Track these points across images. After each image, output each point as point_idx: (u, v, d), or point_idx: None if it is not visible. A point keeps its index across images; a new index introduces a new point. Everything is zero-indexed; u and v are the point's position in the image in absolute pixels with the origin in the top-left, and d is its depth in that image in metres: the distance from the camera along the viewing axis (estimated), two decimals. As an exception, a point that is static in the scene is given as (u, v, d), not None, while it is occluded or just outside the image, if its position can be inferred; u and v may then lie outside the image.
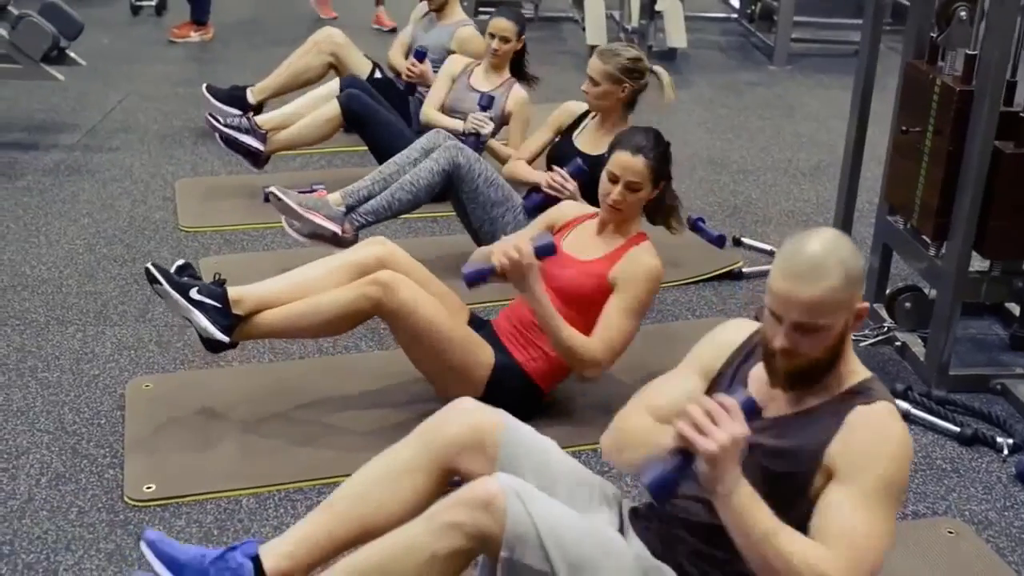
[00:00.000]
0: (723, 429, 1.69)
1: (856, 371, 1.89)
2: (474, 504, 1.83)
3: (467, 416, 2.08)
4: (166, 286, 2.71)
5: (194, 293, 2.72)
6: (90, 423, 2.87)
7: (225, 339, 2.74)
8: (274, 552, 2.02)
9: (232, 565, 2.00)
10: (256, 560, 2.00)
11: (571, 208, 3.11)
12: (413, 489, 2.04)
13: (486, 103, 4.08)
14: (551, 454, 2.08)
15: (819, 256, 1.76)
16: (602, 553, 1.85)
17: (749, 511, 1.71)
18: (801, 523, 1.76)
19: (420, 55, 4.54)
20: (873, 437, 1.78)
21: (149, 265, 2.74)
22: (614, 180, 2.83)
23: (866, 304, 1.83)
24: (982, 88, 2.94)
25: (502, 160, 4.03)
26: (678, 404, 1.85)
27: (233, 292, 2.76)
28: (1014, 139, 2.99)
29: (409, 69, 4.54)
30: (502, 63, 4.21)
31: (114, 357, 3.20)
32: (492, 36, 4.17)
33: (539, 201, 3.49)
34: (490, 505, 1.81)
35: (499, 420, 2.07)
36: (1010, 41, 2.92)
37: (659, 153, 2.85)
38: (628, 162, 2.81)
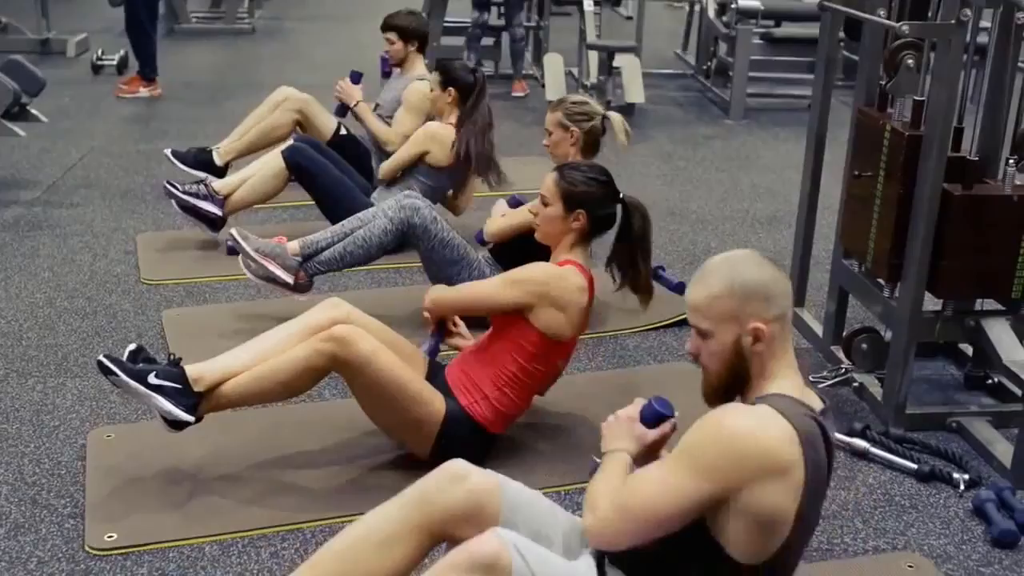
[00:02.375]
0: (618, 413, 2.06)
1: (773, 388, 1.87)
2: (477, 566, 1.80)
3: (465, 482, 2.04)
4: (122, 376, 2.65)
5: (152, 378, 2.67)
6: (50, 473, 2.84)
7: (191, 419, 2.69)
8: None
9: None
10: None
11: None
12: (401, 556, 2.00)
13: (355, 79, 4.64)
14: (541, 505, 2.09)
15: (712, 264, 1.91)
16: None
17: (605, 463, 1.99)
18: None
19: (355, 77, 4.71)
20: (708, 417, 1.82)
21: (101, 357, 2.66)
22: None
23: (761, 325, 1.84)
24: (930, 133, 3.02)
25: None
26: None
27: (192, 370, 2.72)
28: (962, 182, 3.07)
29: (339, 85, 4.70)
30: (439, 110, 4.32)
31: (75, 408, 3.18)
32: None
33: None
34: (496, 565, 1.80)
35: (496, 483, 2.05)
36: (956, 88, 3.01)
37: (574, 176, 2.87)
38: (545, 178, 2.92)
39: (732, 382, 1.90)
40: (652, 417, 2.06)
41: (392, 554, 2.00)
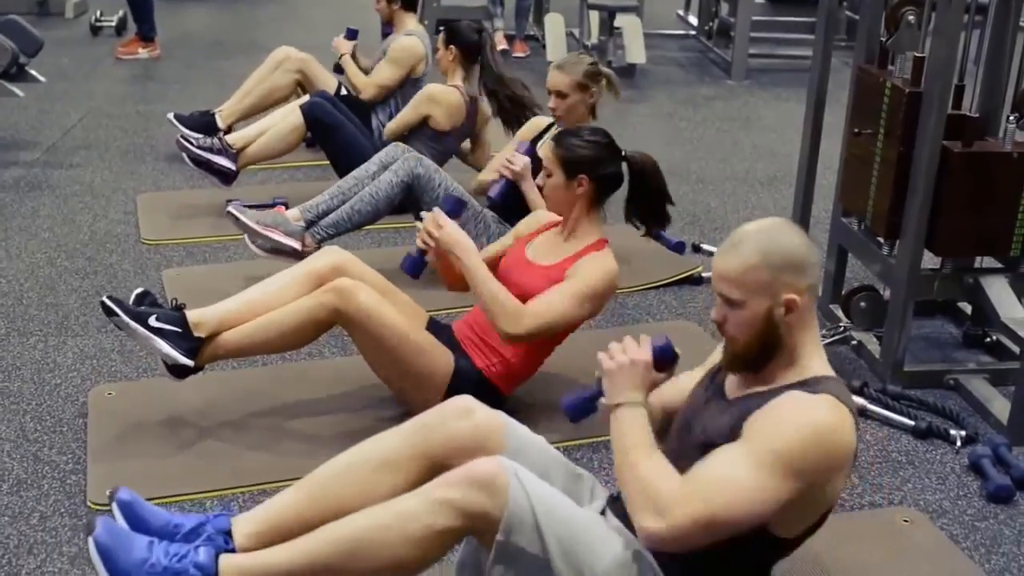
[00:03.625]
0: (626, 353, 1.89)
1: (815, 369, 1.85)
2: (475, 483, 1.80)
3: (471, 416, 2.04)
4: (124, 317, 2.68)
5: (153, 321, 2.70)
6: (52, 431, 2.86)
7: (189, 363, 2.72)
8: (245, 530, 1.97)
9: (205, 537, 1.96)
10: (227, 534, 1.96)
11: (539, 215, 3.13)
12: (399, 482, 1.98)
13: (350, 35, 4.75)
14: (548, 452, 2.09)
15: (744, 232, 1.83)
16: (596, 538, 1.86)
17: (627, 425, 1.85)
18: None
19: (350, 33, 4.79)
20: (787, 411, 1.75)
21: (104, 298, 2.70)
22: None
23: (795, 296, 1.79)
24: (930, 89, 3.01)
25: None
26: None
27: (192, 315, 2.75)
28: (961, 139, 3.06)
29: (334, 42, 4.80)
30: (444, 70, 4.33)
31: (76, 367, 3.19)
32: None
33: (502, 189, 3.48)
34: (491, 485, 1.79)
35: (501, 421, 2.05)
36: (956, 43, 2.99)
37: (572, 141, 2.81)
38: (545, 148, 2.87)
39: (760, 352, 1.84)
40: (664, 360, 1.93)
41: (388, 477, 1.98)
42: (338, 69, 4.84)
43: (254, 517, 2.01)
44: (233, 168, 4.33)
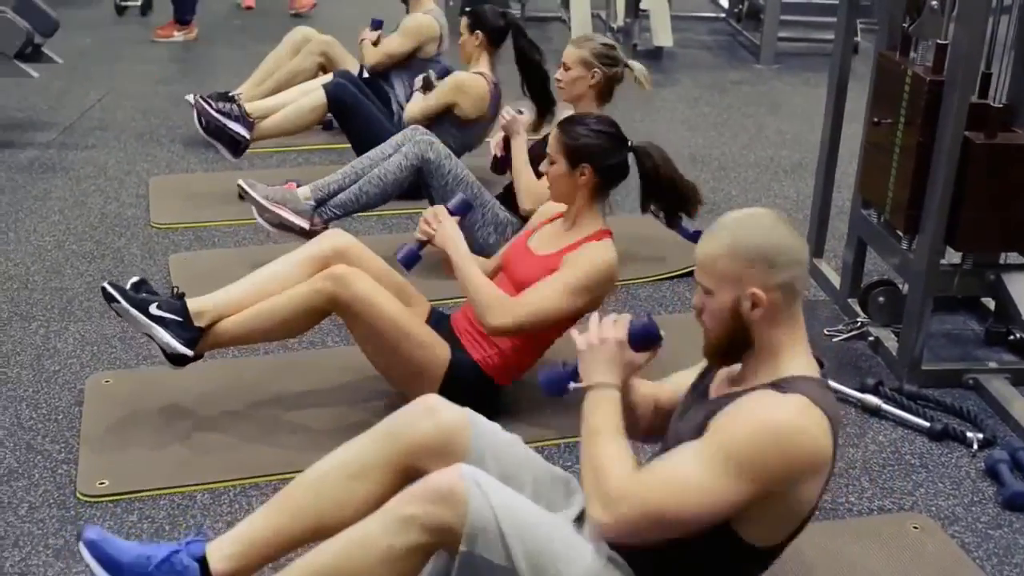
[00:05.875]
0: (601, 331, 1.86)
1: (791, 369, 1.77)
2: (433, 497, 1.76)
3: (434, 416, 2.00)
4: (124, 303, 2.65)
5: (153, 309, 2.67)
6: (47, 419, 2.83)
7: (189, 352, 2.69)
8: (221, 553, 1.95)
9: (178, 568, 1.93)
10: (203, 562, 1.94)
11: (547, 207, 3.04)
12: (373, 489, 1.96)
13: (375, 25, 4.68)
14: (517, 450, 2.03)
15: (722, 221, 1.80)
16: (563, 546, 1.80)
17: (595, 407, 1.82)
18: None
19: (375, 24, 4.73)
20: (747, 412, 1.69)
21: (105, 284, 2.67)
22: None
23: (759, 291, 1.73)
24: (952, 78, 2.90)
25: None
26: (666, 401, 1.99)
27: (193, 304, 2.71)
28: (984, 130, 2.95)
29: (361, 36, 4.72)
30: (468, 56, 4.22)
31: (76, 353, 3.16)
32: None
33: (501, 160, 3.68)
34: (450, 497, 1.75)
35: (467, 421, 2.00)
36: (981, 31, 2.87)
37: (577, 131, 2.72)
38: (551, 134, 2.79)
39: (730, 345, 1.80)
40: (643, 340, 1.89)
41: (362, 486, 1.96)
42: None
43: (232, 537, 1.97)
44: (247, 137, 4.26)
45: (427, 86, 4.22)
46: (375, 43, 4.72)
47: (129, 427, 2.78)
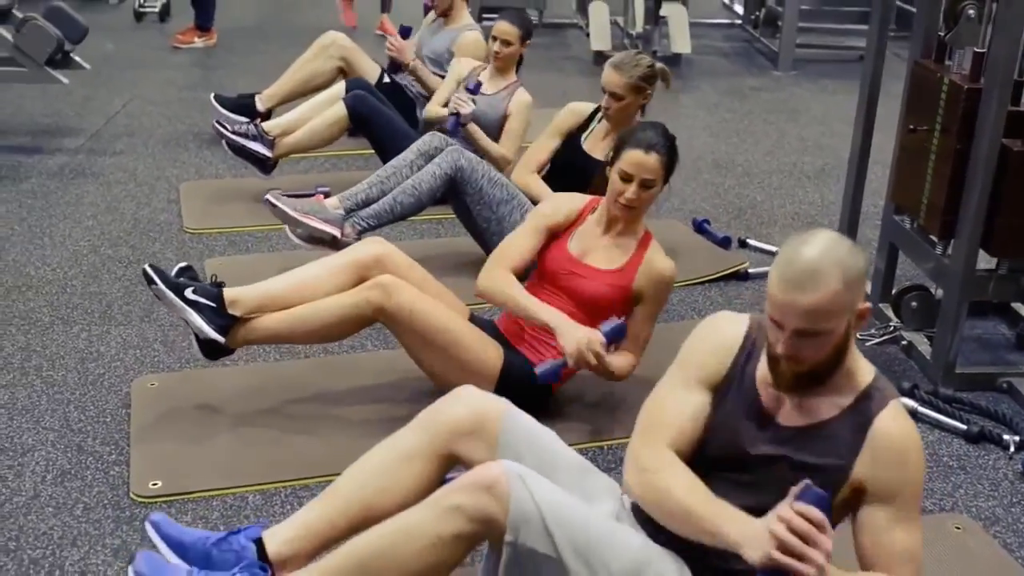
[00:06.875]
0: (820, 548, 1.65)
1: (861, 369, 1.86)
2: (477, 487, 1.82)
3: (468, 401, 2.09)
4: (161, 286, 2.71)
5: (189, 293, 2.73)
6: (95, 421, 2.86)
7: (220, 339, 2.73)
8: (276, 537, 2.03)
9: (235, 547, 2.02)
10: (259, 543, 2.01)
11: (566, 204, 2.96)
12: (414, 475, 2.05)
13: (473, 87, 4.07)
14: (552, 443, 2.08)
15: (816, 262, 1.70)
16: (607, 535, 1.84)
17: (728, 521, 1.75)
18: None
19: (404, 32, 4.62)
20: (900, 452, 1.80)
21: (146, 266, 2.74)
22: (627, 179, 2.74)
23: (868, 305, 1.79)
24: (990, 85, 2.93)
25: (491, 157, 4.00)
26: (692, 427, 1.90)
27: (229, 293, 2.76)
28: (1021, 137, 2.98)
29: (391, 43, 4.57)
30: (505, 66, 4.20)
31: (119, 356, 3.19)
32: (495, 39, 4.16)
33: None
34: (493, 487, 1.81)
35: (500, 407, 2.07)
36: (1019, 38, 2.91)
37: (669, 147, 2.79)
38: (641, 160, 2.73)
39: (830, 367, 1.81)
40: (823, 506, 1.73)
41: (404, 472, 2.04)
42: (393, 69, 4.79)
43: (287, 524, 2.07)
44: (269, 155, 4.31)
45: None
46: (398, 47, 4.69)
47: (177, 428, 2.81)
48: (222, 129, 4.28)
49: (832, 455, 1.81)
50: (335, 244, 3.52)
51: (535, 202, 3.41)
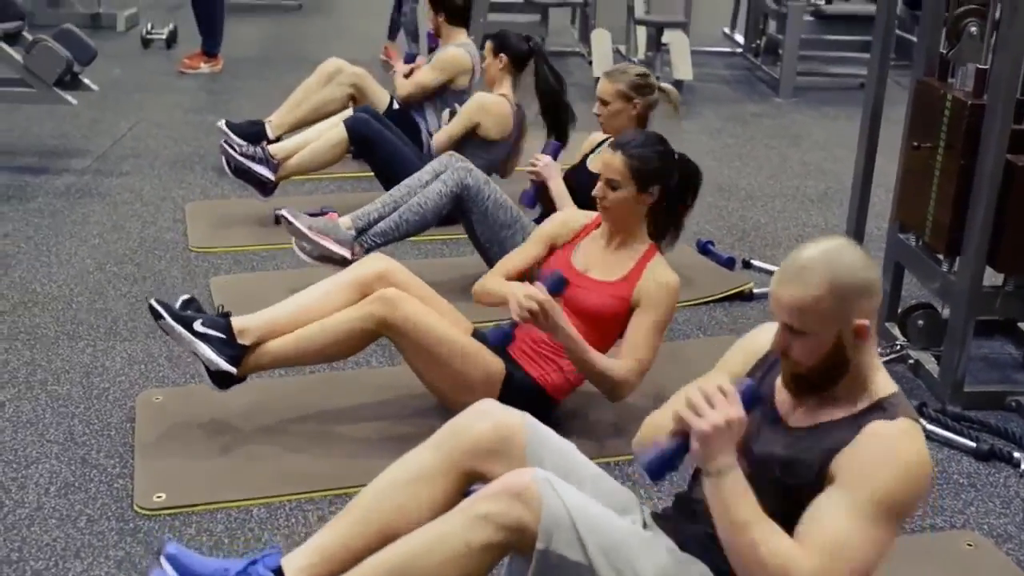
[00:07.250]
0: (718, 410, 1.70)
1: (880, 384, 1.80)
2: (508, 495, 1.79)
3: (490, 418, 2.03)
4: (169, 320, 2.70)
5: (198, 326, 2.71)
6: (100, 434, 2.85)
7: (232, 370, 2.72)
8: (295, 564, 1.96)
9: None
10: (278, 572, 1.95)
11: (571, 219, 3.07)
12: (435, 494, 1.99)
13: (408, 59, 4.37)
14: (574, 455, 2.05)
15: (808, 260, 1.72)
16: (637, 543, 1.82)
17: (733, 496, 1.70)
18: None
19: (410, 58, 4.79)
20: (880, 451, 1.70)
21: (152, 301, 2.73)
22: (599, 177, 2.80)
23: (865, 322, 1.72)
24: (994, 102, 2.94)
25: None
26: None
27: (237, 322, 2.75)
28: (1025, 153, 2.99)
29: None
30: (492, 79, 4.33)
31: (124, 371, 3.19)
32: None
33: (532, 192, 3.68)
34: (524, 494, 1.77)
35: (522, 420, 2.03)
36: (1021, 55, 2.92)
37: (644, 152, 2.76)
38: (607, 159, 2.78)
39: (827, 378, 1.78)
40: (751, 404, 1.78)
41: (424, 491, 1.98)
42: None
43: (304, 549, 1.99)
44: (271, 178, 4.32)
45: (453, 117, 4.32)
46: (407, 76, 4.78)
47: (182, 442, 2.80)
48: (230, 149, 4.29)
49: (819, 452, 1.76)
50: (345, 264, 3.52)
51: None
